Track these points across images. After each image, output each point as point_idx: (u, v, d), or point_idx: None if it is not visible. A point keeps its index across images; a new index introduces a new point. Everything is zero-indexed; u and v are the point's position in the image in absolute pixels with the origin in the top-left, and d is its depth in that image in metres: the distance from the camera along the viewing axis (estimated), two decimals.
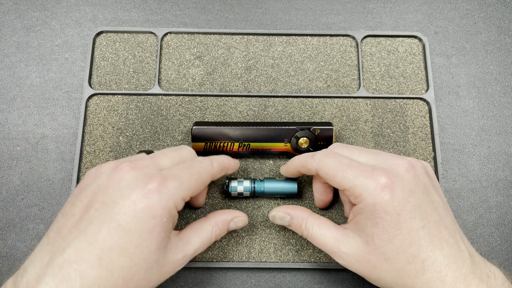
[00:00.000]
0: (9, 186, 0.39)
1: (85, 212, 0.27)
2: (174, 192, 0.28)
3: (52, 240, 0.26)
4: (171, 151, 0.32)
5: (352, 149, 0.33)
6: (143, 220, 0.26)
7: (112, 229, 0.26)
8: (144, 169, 0.28)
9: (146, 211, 0.26)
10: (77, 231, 0.26)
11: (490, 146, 0.41)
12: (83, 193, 0.28)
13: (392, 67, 0.43)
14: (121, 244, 0.26)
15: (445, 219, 0.29)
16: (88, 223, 0.26)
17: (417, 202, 0.29)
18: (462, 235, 0.30)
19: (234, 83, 0.42)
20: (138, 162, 0.29)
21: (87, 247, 0.25)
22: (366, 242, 0.29)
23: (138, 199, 0.26)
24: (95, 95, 0.41)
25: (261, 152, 0.38)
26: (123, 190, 0.27)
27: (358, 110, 0.41)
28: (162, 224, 0.27)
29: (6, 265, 0.37)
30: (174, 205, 0.28)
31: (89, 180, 0.29)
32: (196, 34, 0.43)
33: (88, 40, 0.43)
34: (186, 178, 0.29)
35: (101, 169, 0.29)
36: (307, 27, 0.44)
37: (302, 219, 0.33)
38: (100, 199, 0.27)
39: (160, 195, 0.27)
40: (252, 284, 0.37)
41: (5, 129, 0.40)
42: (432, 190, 0.30)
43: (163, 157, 0.30)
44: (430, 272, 0.27)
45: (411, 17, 0.45)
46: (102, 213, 0.26)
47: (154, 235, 0.27)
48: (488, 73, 0.43)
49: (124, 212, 0.26)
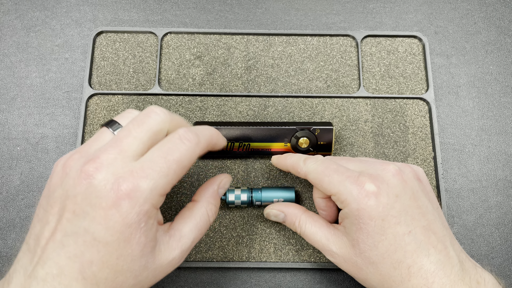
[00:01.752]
0: (9, 186, 0.39)
1: (57, 221, 0.25)
2: (148, 193, 0.24)
3: (32, 248, 0.25)
4: (137, 127, 0.26)
5: (341, 159, 0.33)
6: (118, 231, 0.24)
7: (87, 242, 0.24)
8: (111, 167, 0.25)
9: (120, 220, 0.24)
10: (53, 243, 0.24)
11: (490, 146, 0.41)
12: (52, 197, 0.26)
13: (392, 67, 0.43)
14: (100, 257, 0.24)
15: (434, 224, 0.29)
16: (63, 234, 0.24)
17: (403, 207, 0.28)
18: (452, 240, 0.30)
19: (234, 83, 0.42)
20: (102, 158, 0.25)
21: (67, 261, 0.24)
22: (352, 245, 0.30)
23: (109, 207, 0.24)
24: (95, 95, 0.41)
25: (261, 152, 0.38)
26: (91, 198, 0.24)
27: (358, 110, 0.41)
28: (140, 230, 0.25)
29: (6, 265, 0.37)
30: (151, 206, 0.25)
31: (56, 181, 0.26)
32: (196, 34, 0.43)
33: (88, 40, 0.43)
34: (163, 172, 0.25)
35: (65, 168, 0.26)
36: (307, 27, 0.44)
37: (296, 216, 0.34)
38: (70, 208, 0.25)
39: (133, 201, 0.24)
40: (252, 284, 0.37)
41: (5, 129, 0.40)
42: (421, 194, 0.30)
43: (129, 140, 0.26)
44: (416, 278, 0.27)
45: (411, 17, 0.45)
46: (74, 225, 0.24)
47: (133, 243, 0.25)
48: (488, 73, 0.43)
49: (97, 223, 0.24)
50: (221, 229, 0.37)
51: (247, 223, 0.38)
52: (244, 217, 0.38)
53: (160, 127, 0.27)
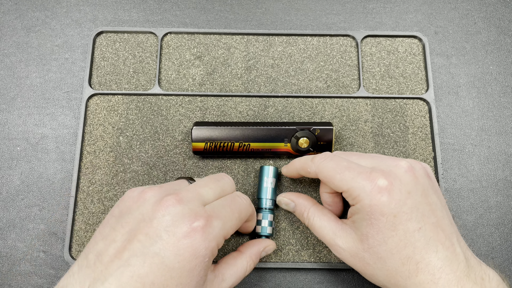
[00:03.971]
0: (9, 186, 0.39)
1: (127, 241, 0.26)
2: (218, 231, 0.27)
3: (92, 264, 0.26)
4: (213, 182, 0.31)
5: (351, 155, 0.33)
6: (186, 259, 0.26)
7: (154, 264, 0.25)
8: (190, 204, 0.27)
9: (190, 250, 0.26)
10: (119, 260, 0.25)
11: (490, 146, 0.41)
12: (125, 218, 0.27)
13: (392, 67, 0.43)
14: (162, 281, 0.25)
15: (443, 222, 0.29)
16: (131, 254, 0.25)
17: (415, 204, 0.29)
18: (459, 238, 0.30)
19: (234, 83, 0.42)
20: (183, 194, 0.28)
21: (129, 279, 0.25)
22: (360, 240, 0.30)
23: (183, 237, 0.26)
24: (95, 95, 0.41)
25: (261, 152, 0.38)
26: (168, 225, 0.26)
27: (358, 110, 0.41)
28: (203, 264, 0.27)
29: (6, 265, 0.37)
30: (216, 245, 0.27)
31: (131, 204, 0.28)
32: (196, 34, 0.43)
33: (88, 40, 0.43)
34: (229, 217, 0.29)
35: (144, 195, 0.28)
36: (307, 27, 0.44)
37: (305, 207, 0.34)
38: (144, 230, 0.26)
39: (205, 235, 0.26)
40: (252, 284, 0.37)
41: (5, 129, 0.40)
42: (431, 192, 0.30)
43: (205, 189, 0.30)
44: (424, 274, 0.28)
45: (411, 17, 0.45)
46: (145, 246, 0.26)
47: (194, 274, 0.26)
48: (488, 73, 0.43)
49: (168, 248, 0.25)
50: None
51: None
52: None
53: (229, 188, 0.32)
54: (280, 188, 0.39)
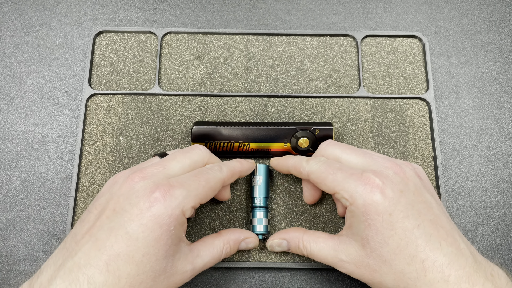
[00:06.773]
0: (9, 186, 0.39)
1: (97, 219, 0.28)
2: (181, 199, 0.28)
3: (67, 245, 0.28)
4: (182, 155, 0.32)
5: (344, 148, 0.33)
6: (150, 228, 0.27)
7: (120, 236, 0.26)
8: (153, 177, 0.29)
9: (153, 219, 0.27)
10: (88, 236, 0.27)
11: (490, 146, 0.41)
12: (99, 201, 0.30)
13: (392, 67, 0.43)
14: (128, 251, 0.26)
15: (441, 219, 0.29)
16: (98, 229, 0.27)
17: (409, 202, 0.29)
18: (460, 234, 0.30)
19: (234, 83, 0.42)
20: (147, 170, 0.29)
21: (96, 252, 0.26)
22: (362, 245, 0.29)
23: (145, 207, 0.27)
24: (95, 95, 0.41)
25: (261, 152, 0.38)
26: (131, 198, 0.28)
27: (358, 110, 0.41)
28: (169, 232, 0.27)
29: (6, 265, 0.37)
30: (181, 213, 0.28)
31: (106, 189, 0.31)
32: (196, 34, 0.43)
33: (88, 40, 0.43)
34: (194, 186, 0.29)
35: (116, 178, 0.31)
36: (307, 27, 0.44)
37: (298, 239, 0.34)
38: (111, 207, 0.28)
39: (166, 203, 0.27)
40: (252, 284, 0.37)
41: (5, 129, 0.40)
42: (424, 190, 0.30)
43: (173, 163, 0.31)
44: (432, 272, 0.27)
45: (411, 17, 0.45)
46: (111, 220, 0.27)
47: (161, 243, 0.27)
48: (488, 73, 0.43)
49: (132, 220, 0.27)
50: (221, 229, 0.37)
51: (247, 223, 0.38)
52: (244, 217, 0.38)
53: (199, 158, 0.32)
54: (272, 186, 0.39)
